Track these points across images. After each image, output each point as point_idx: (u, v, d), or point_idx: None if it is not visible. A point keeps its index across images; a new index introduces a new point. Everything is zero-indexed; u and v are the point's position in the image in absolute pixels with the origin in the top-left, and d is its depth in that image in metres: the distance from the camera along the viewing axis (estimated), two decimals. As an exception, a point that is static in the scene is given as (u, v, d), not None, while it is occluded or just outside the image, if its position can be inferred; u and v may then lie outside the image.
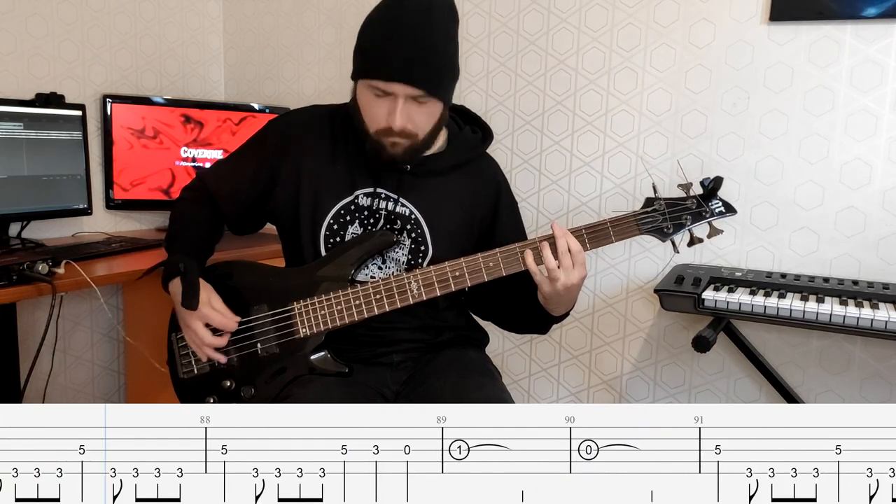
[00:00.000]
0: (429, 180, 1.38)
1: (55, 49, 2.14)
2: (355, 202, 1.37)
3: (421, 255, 1.37)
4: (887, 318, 1.50)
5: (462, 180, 1.41)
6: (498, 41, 2.21)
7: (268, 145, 1.41)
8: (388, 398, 1.38)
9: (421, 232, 1.37)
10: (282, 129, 1.43)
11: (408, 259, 1.37)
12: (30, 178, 1.95)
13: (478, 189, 1.42)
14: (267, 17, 2.60)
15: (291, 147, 1.39)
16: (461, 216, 1.40)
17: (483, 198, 1.43)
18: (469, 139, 1.43)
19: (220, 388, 1.35)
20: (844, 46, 1.78)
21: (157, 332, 1.54)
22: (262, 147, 1.42)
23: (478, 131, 1.45)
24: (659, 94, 2.01)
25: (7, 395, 1.88)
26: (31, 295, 1.53)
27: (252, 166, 1.42)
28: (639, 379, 2.12)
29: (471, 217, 1.42)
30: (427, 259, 1.37)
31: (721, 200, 1.28)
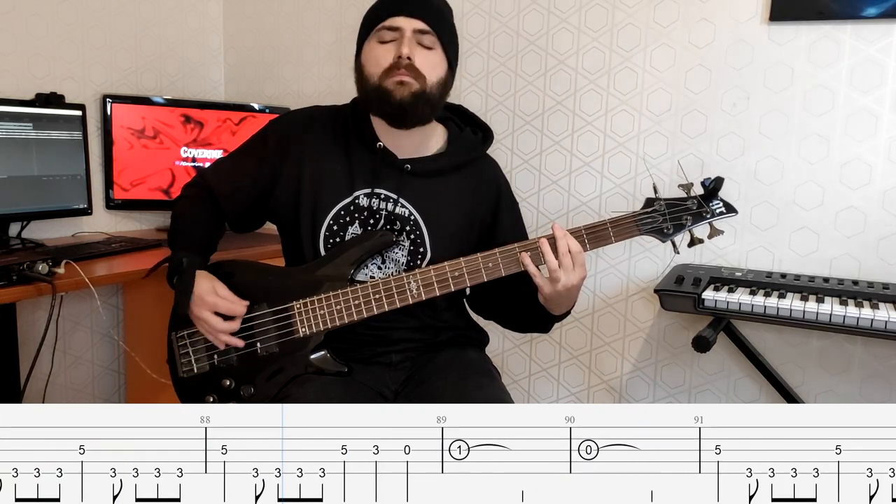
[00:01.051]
0: (429, 181, 1.38)
1: (55, 49, 2.14)
2: (355, 203, 1.37)
3: (420, 256, 1.37)
4: (887, 318, 1.50)
5: (462, 181, 1.41)
6: (498, 41, 2.21)
7: (269, 144, 1.41)
8: (388, 398, 1.38)
9: (420, 233, 1.37)
10: (282, 128, 1.43)
11: (407, 260, 1.37)
12: (30, 178, 1.95)
13: (478, 190, 1.42)
14: (267, 17, 2.60)
15: (292, 147, 1.39)
16: (461, 217, 1.40)
17: (483, 199, 1.43)
18: (469, 140, 1.43)
19: (220, 388, 1.35)
20: (844, 46, 1.78)
21: (156, 332, 1.54)
22: (264, 146, 1.42)
23: (478, 132, 1.45)
24: (659, 94, 2.01)
25: (7, 395, 1.88)
26: (31, 295, 1.53)
27: (253, 165, 1.42)
28: (639, 379, 2.12)
29: (471, 218, 1.42)
30: (426, 260, 1.37)
31: (722, 201, 1.28)
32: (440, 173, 1.39)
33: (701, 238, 1.28)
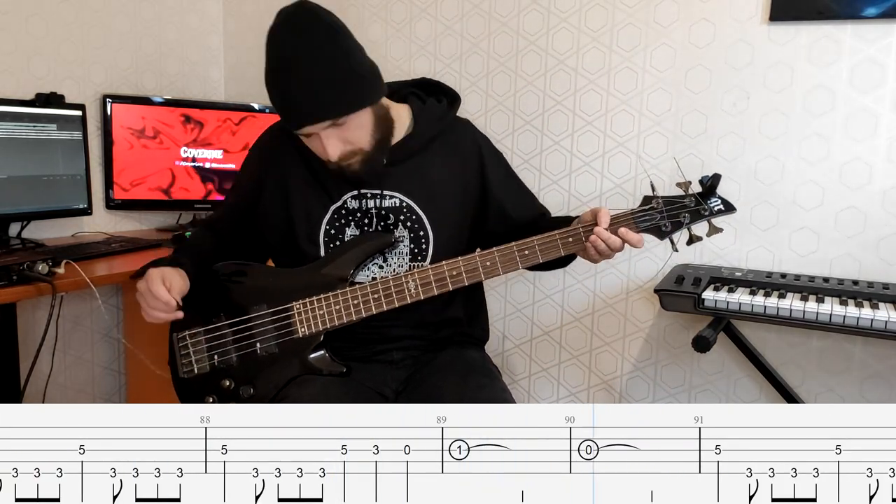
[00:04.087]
0: (408, 164, 1.37)
1: (55, 49, 2.14)
2: (344, 206, 1.37)
3: (423, 240, 1.37)
4: (887, 318, 1.50)
5: (441, 151, 1.40)
6: (498, 41, 2.21)
7: (249, 169, 1.48)
8: (388, 398, 1.38)
9: (417, 217, 1.37)
10: (256, 153, 1.48)
11: (411, 248, 1.37)
12: (30, 178, 1.95)
13: (458, 155, 1.41)
14: (267, 17, 2.59)
15: (269, 168, 1.43)
16: (450, 187, 1.40)
17: (468, 161, 1.42)
18: (435, 109, 1.41)
19: (220, 388, 1.36)
20: (844, 46, 1.78)
21: (156, 332, 1.54)
22: (246, 173, 1.48)
23: (442, 99, 1.43)
24: (659, 94, 2.01)
25: (7, 395, 1.87)
26: (31, 295, 1.53)
27: (245, 193, 1.47)
28: (639, 379, 2.12)
29: (462, 184, 1.41)
30: (430, 243, 1.37)
31: (720, 198, 1.28)
32: (416, 152, 1.38)
33: (700, 236, 1.28)
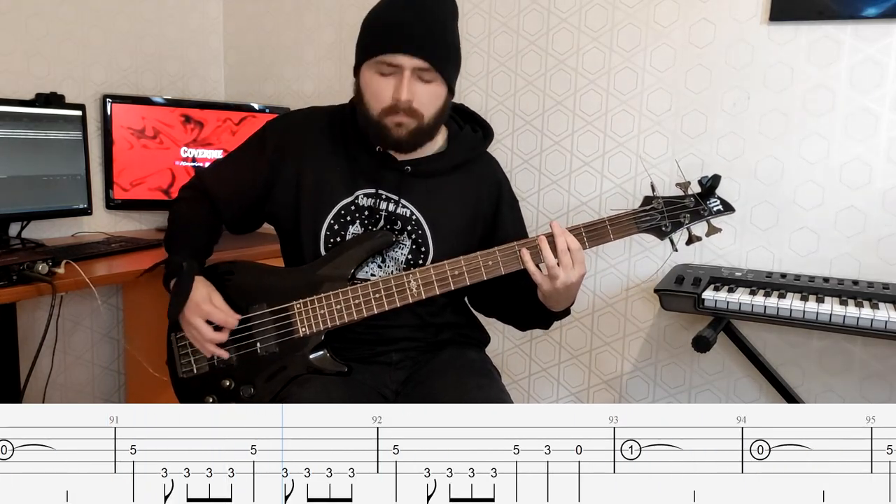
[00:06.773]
0: (429, 181, 1.38)
1: (55, 49, 2.14)
2: (356, 203, 1.37)
3: (422, 255, 1.37)
4: (887, 318, 1.50)
5: (463, 179, 1.41)
6: (498, 41, 2.21)
7: (267, 146, 1.41)
8: (388, 398, 1.38)
9: (422, 233, 1.37)
10: (281, 130, 1.42)
11: (407, 259, 1.37)
12: (30, 178, 1.95)
13: (479, 188, 1.42)
14: (267, 17, 2.60)
15: (291, 148, 1.39)
16: (463, 216, 1.40)
17: (485, 196, 1.43)
18: (470, 138, 1.43)
19: (220, 388, 1.36)
20: (844, 46, 1.78)
21: (156, 332, 1.54)
22: (262, 147, 1.42)
23: (478, 130, 1.45)
24: (659, 94, 2.00)
25: (7, 395, 1.88)
26: (31, 295, 1.53)
27: (251, 167, 1.41)
28: (639, 379, 2.12)
29: (473, 216, 1.42)
30: (429, 259, 1.37)
31: (719, 199, 1.28)
32: (441, 172, 1.39)
33: (699, 236, 1.29)
